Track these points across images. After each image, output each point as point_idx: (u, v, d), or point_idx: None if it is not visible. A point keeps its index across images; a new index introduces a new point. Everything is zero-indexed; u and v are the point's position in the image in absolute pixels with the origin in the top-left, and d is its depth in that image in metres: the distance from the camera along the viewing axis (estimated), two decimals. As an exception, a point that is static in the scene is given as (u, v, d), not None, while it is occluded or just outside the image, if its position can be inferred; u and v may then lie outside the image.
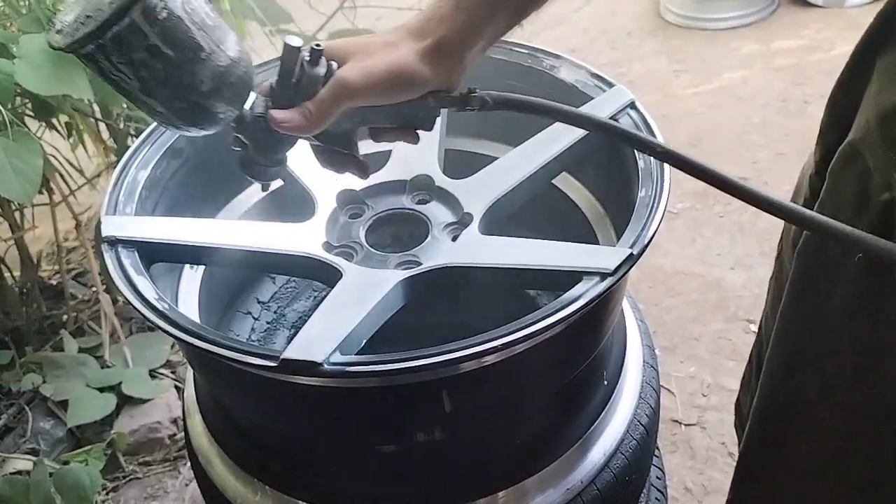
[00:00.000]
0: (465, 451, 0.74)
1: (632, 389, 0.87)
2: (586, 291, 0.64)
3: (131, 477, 1.74)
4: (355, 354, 0.64)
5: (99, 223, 0.73)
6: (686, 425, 1.78)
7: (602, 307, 0.71)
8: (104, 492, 1.69)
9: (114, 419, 1.76)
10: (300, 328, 1.01)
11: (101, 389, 1.77)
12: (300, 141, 0.72)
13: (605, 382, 0.84)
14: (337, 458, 0.74)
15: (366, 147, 1.03)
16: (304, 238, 0.81)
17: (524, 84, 0.93)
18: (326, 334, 0.63)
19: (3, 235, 1.92)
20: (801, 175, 0.87)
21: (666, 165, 0.75)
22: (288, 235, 0.81)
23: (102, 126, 2.00)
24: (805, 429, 0.82)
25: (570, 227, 0.96)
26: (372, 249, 0.82)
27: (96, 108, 1.90)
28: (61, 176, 1.91)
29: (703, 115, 2.65)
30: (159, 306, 0.66)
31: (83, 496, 1.55)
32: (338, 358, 0.61)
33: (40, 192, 1.89)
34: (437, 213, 0.86)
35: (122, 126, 1.97)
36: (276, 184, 0.96)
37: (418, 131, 0.73)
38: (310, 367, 0.59)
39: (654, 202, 0.72)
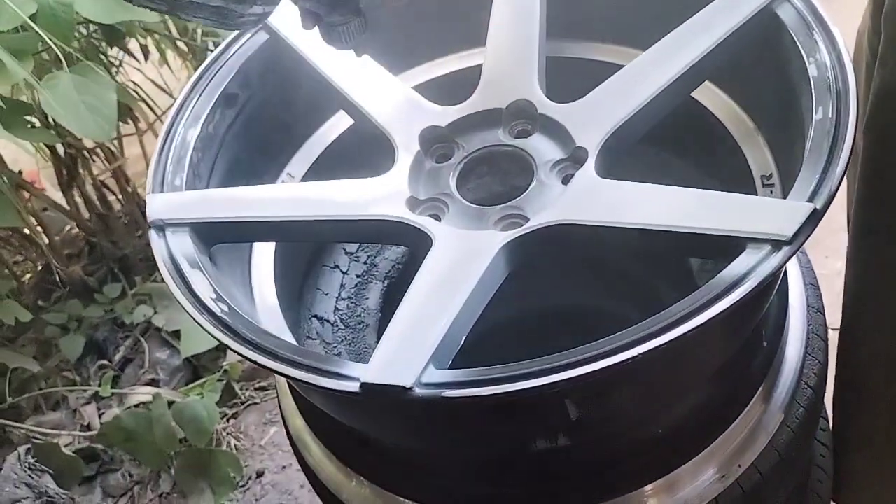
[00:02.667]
0: (597, 452, 0.62)
1: (796, 345, 0.72)
2: (754, 269, 0.47)
3: (249, 402, 1.75)
4: (451, 365, 0.51)
5: (143, 204, 0.62)
6: (833, 329, 1.59)
7: (774, 280, 0.54)
8: (224, 419, 1.71)
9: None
10: (395, 279, 0.92)
11: (210, 319, 1.76)
12: None
13: (765, 344, 0.68)
14: (438, 462, 0.63)
15: (449, 66, 0.88)
16: (386, 195, 0.68)
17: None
18: (415, 342, 0.51)
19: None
20: (857, 39, 0.76)
21: (851, 75, 0.56)
22: (366, 194, 0.68)
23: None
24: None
25: (706, 145, 0.77)
26: (465, 202, 0.67)
27: (171, 26, 1.79)
28: (146, 103, 1.84)
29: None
30: (217, 309, 0.55)
31: (202, 429, 1.56)
32: (432, 376, 0.48)
33: (125, 122, 1.84)
34: (542, 147, 0.69)
35: (199, 42, 1.87)
36: (345, 123, 0.83)
37: None
38: (397, 393, 0.47)
39: (837, 128, 0.53)
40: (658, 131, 0.70)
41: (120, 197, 1.97)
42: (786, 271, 0.73)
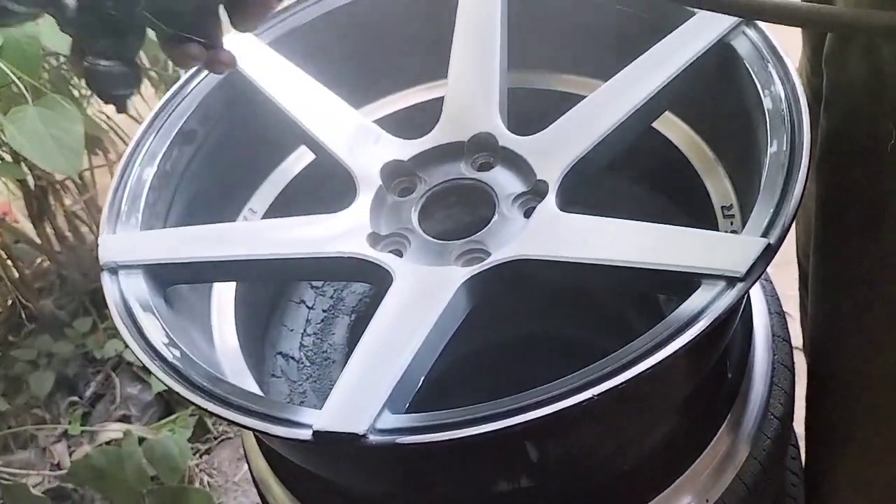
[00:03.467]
0: (561, 491, 0.60)
1: (761, 375, 0.71)
2: (710, 306, 0.47)
3: (222, 438, 1.72)
4: (408, 408, 0.50)
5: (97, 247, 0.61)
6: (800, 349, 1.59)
7: (731, 315, 0.54)
8: (197, 454, 1.68)
9: (198, 381, 1.73)
10: (362, 313, 0.91)
11: (182, 353, 1.73)
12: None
13: (729, 376, 0.68)
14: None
15: (411, 99, 0.87)
16: (346, 231, 0.67)
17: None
18: (371, 386, 0.50)
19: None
20: None
21: (805, 107, 0.56)
22: (326, 230, 0.67)
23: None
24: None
25: (666, 175, 0.77)
26: (427, 237, 0.67)
27: (143, 55, 1.78)
28: (116, 133, 1.83)
29: None
30: (168, 355, 0.54)
31: (173, 466, 1.53)
32: (386, 422, 0.47)
33: (95, 154, 1.82)
34: (504, 181, 0.69)
35: (171, 72, 1.86)
36: (307, 158, 0.82)
37: None
38: (351, 441, 0.46)
39: (791, 161, 0.54)
40: (620, 162, 0.71)
41: (92, 228, 1.95)
42: (749, 301, 0.73)
